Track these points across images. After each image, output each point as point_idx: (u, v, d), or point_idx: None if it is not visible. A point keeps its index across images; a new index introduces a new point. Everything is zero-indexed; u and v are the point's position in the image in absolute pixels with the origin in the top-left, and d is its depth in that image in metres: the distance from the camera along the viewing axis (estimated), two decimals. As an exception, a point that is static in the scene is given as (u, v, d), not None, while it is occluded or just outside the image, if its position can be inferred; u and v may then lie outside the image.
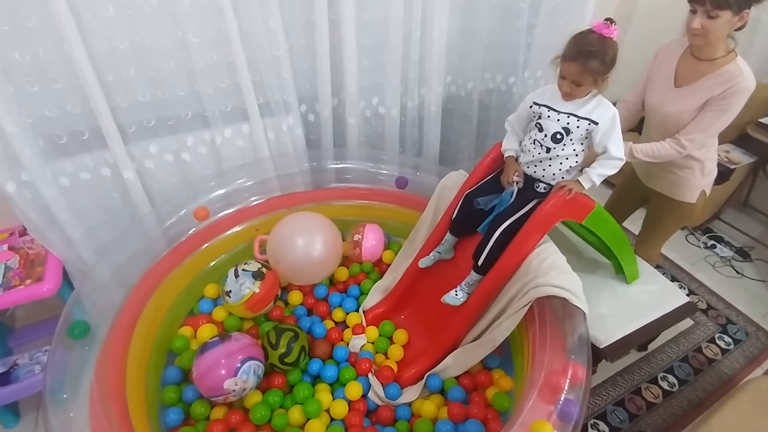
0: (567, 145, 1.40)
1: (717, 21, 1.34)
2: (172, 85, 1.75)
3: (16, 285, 1.65)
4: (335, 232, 1.82)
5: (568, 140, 1.39)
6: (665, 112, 1.58)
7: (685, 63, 1.54)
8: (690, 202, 1.72)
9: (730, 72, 1.42)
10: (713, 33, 1.38)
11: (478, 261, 1.52)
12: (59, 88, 1.59)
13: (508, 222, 1.46)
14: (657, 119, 1.64)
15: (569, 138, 1.38)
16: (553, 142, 1.40)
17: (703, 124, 1.47)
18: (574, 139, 1.38)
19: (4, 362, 1.75)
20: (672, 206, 1.76)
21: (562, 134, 1.38)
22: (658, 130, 1.63)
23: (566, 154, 1.41)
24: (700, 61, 1.49)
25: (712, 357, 2.08)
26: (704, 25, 1.36)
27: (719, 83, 1.43)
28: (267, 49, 1.78)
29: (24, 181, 1.63)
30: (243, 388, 1.46)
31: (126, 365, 1.46)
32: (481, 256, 1.50)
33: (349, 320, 1.84)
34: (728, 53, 1.45)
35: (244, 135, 1.96)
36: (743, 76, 1.41)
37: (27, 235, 1.81)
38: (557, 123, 1.38)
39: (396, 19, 1.92)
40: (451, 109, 2.46)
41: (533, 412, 1.19)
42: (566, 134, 1.38)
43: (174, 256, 1.79)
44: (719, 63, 1.45)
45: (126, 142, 1.75)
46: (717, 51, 1.45)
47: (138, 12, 1.57)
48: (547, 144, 1.42)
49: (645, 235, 1.97)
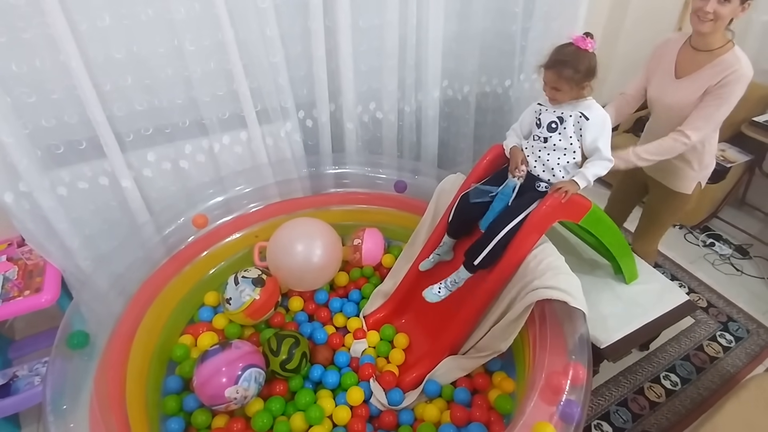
0: (563, 136, 1.44)
1: (728, 6, 1.39)
2: (170, 93, 1.76)
3: (15, 296, 1.65)
4: (335, 237, 1.82)
5: (563, 129, 1.43)
6: (667, 104, 1.62)
7: (684, 55, 1.58)
8: (686, 194, 1.76)
9: (727, 61, 1.46)
10: (722, 18, 1.41)
11: (473, 260, 1.51)
12: (56, 98, 1.60)
13: (513, 223, 1.46)
14: (660, 111, 1.68)
15: (563, 127, 1.43)
16: (549, 131, 1.46)
17: (704, 114, 1.50)
18: (568, 129, 1.43)
19: (3, 374, 1.75)
20: (669, 197, 1.79)
21: (556, 123, 1.44)
22: (663, 122, 1.66)
23: (563, 145, 1.45)
24: (699, 51, 1.53)
25: (714, 355, 2.08)
26: (716, 10, 1.40)
27: (718, 72, 1.47)
28: (264, 57, 1.79)
29: (22, 191, 1.63)
30: (244, 396, 1.45)
31: (126, 375, 1.45)
32: (479, 255, 1.49)
33: (350, 325, 1.84)
34: (726, 43, 1.49)
35: (242, 142, 1.97)
36: (740, 64, 1.44)
37: (25, 245, 1.81)
38: (552, 114, 1.45)
39: (391, 24, 1.93)
40: (448, 112, 2.47)
41: (535, 414, 1.18)
42: (560, 123, 1.44)
43: (173, 264, 1.78)
44: (717, 53, 1.49)
45: (124, 151, 1.76)
46: (716, 41, 1.49)
47: (134, 21, 1.58)
48: (543, 134, 1.47)
49: (642, 230, 1.98)
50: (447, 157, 2.60)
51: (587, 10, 2.30)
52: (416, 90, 2.23)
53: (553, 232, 1.58)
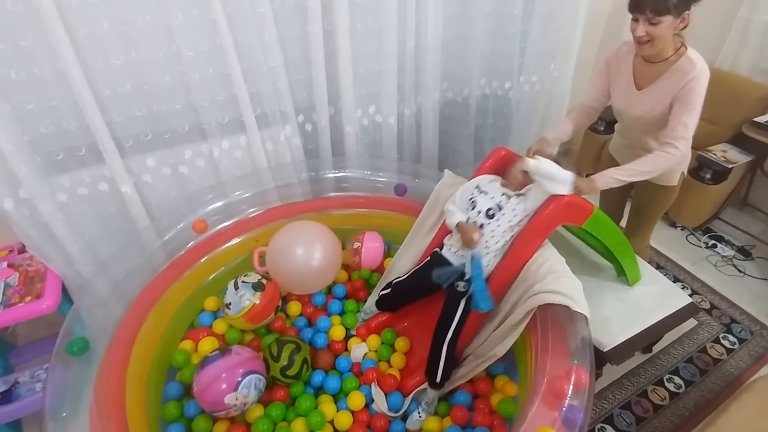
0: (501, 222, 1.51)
1: (660, 26, 1.39)
2: (169, 98, 1.76)
3: (15, 302, 1.65)
4: (334, 241, 1.82)
5: (501, 215, 1.51)
6: (635, 116, 1.63)
7: (640, 67, 1.59)
8: (672, 185, 1.77)
9: (684, 67, 1.47)
10: (658, 38, 1.43)
11: (434, 380, 1.52)
12: (55, 105, 1.60)
13: (450, 334, 1.51)
14: (630, 122, 1.70)
15: (502, 213, 1.51)
16: (487, 218, 1.52)
17: (682, 122, 1.50)
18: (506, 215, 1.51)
19: (5, 380, 1.74)
20: (655, 191, 1.80)
21: (494, 210, 1.51)
22: (635, 131, 1.70)
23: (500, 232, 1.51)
24: (654, 63, 1.53)
25: (718, 357, 2.07)
26: (648, 32, 1.41)
27: (677, 80, 1.47)
28: (263, 61, 1.79)
29: (22, 198, 1.63)
30: (244, 402, 1.44)
31: (126, 381, 1.45)
32: (436, 375, 1.51)
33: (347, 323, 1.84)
34: (678, 49, 1.49)
35: (241, 146, 1.97)
36: (697, 68, 1.45)
37: (26, 252, 1.81)
38: (491, 200, 1.53)
39: (390, 28, 1.93)
40: (448, 115, 2.47)
41: (537, 419, 1.17)
42: (499, 210, 1.51)
43: (173, 269, 1.78)
44: (672, 60, 1.50)
45: (123, 157, 1.76)
46: (666, 52, 1.49)
47: (132, 27, 1.58)
48: (480, 221, 1.53)
49: (632, 227, 1.98)
50: (447, 160, 2.59)
51: (587, 11, 2.29)
52: (416, 93, 2.22)
53: (555, 235, 1.57)
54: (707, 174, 2.49)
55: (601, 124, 2.86)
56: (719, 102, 2.47)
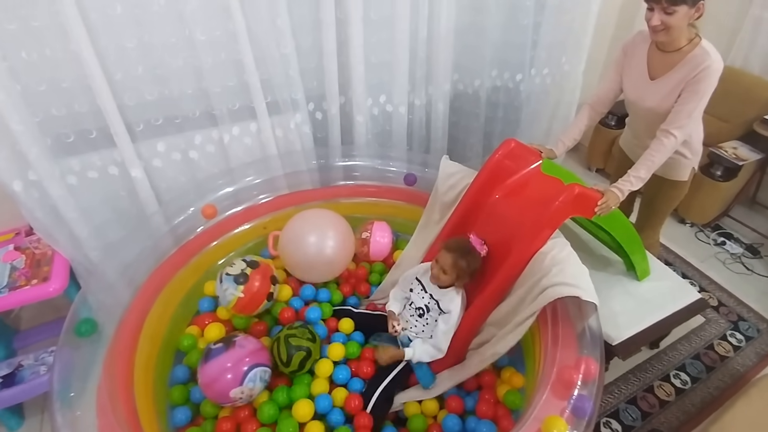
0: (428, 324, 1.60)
1: (675, 16, 1.39)
2: (180, 83, 1.75)
3: (22, 285, 1.64)
4: (348, 232, 1.79)
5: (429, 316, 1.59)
6: (647, 107, 1.62)
7: (654, 56, 1.58)
8: (683, 180, 1.76)
9: (698, 57, 1.46)
10: (673, 28, 1.42)
11: (365, 407, 1.52)
12: (66, 87, 1.59)
13: (385, 382, 1.54)
14: (641, 113, 1.69)
15: (429, 314, 1.59)
16: (417, 315, 1.61)
17: (685, 111, 1.50)
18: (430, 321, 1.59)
19: (9, 363, 1.74)
20: (665, 186, 1.79)
21: (423, 310, 1.59)
22: (645, 123, 1.69)
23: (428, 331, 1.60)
24: (667, 53, 1.53)
25: (724, 354, 2.06)
26: (663, 21, 1.41)
27: (691, 69, 1.47)
28: (274, 48, 1.78)
29: (31, 180, 1.62)
30: (250, 395, 1.42)
31: (134, 364, 1.45)
32: (368, 406, 1.51)
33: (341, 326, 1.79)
34: (692, 39, 1.49)
35: (251, 133, 1.96)
36: (711, 58, 1.44)
37: (33, 234, 1.81)
38: (421, 299, 1.60)
39: (403, 16, 1.91)
40: (458, 107, 2.45)
41: (546, 408, 1.17)
42: (426, 311, 1.59)
43: (181, 254, 1.78)
44: (686, 50, 1.49)
45: (134, 141, 1.76)
46: (680, 41, 1.49)
47: (145, 11, 1.57)
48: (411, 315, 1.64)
49: (642, 222, 1.97)
50: (456, 152, 2.58)
51: (600, 5, 2.27)
52: (427, 83, 2.21)
53: (565, 229, 1.56)
54: (718, 171, 2.47)
55: (612, 119, 2.84)
56: (730, 99, 2.45)
